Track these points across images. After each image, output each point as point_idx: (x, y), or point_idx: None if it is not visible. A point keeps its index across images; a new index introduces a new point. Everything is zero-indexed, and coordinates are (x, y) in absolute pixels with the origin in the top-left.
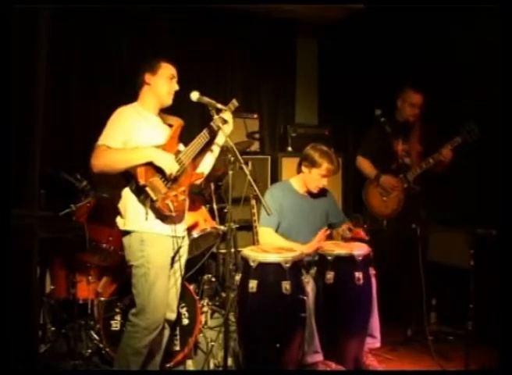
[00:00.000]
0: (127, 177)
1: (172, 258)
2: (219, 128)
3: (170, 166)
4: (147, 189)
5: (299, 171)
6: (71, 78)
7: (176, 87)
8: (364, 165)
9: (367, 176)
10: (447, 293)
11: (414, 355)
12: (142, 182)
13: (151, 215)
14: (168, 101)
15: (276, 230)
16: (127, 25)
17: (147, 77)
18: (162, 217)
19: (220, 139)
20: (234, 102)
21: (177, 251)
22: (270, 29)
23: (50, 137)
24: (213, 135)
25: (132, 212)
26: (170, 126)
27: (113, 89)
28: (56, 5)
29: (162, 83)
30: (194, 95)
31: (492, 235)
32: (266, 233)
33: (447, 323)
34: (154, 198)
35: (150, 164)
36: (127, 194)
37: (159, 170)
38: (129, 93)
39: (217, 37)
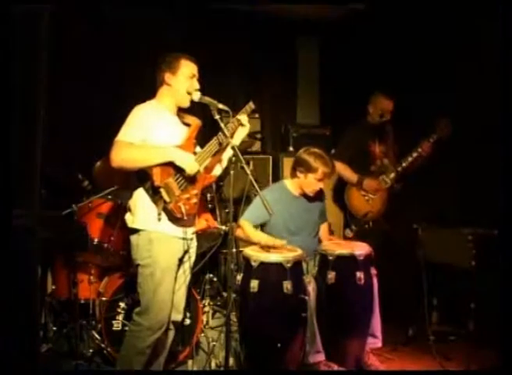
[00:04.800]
0: (141, 176)
1: (180, 260)
2: (228, 136)
3: (191, 166)
4: (162, 190)
5: (293, 176)
6: (72, 78)
7: (197, 86)
8: (343, 170)
9: (347, 180)
10: (448, 293)
11: (416, 355)
12: (157, 183)
13: (162, 216)
14: (187, 102)
15: (262, 228)
16: (128, 25)
17: (167, 77)
18: (173, 219)
19: (236, 141)
20: (251, 105)
21: (185, 253)
22: (270, 29)
23: (51, 137)
24: (224, 142)
25: (142, 211)
26: (187, 125)
27: (114, 89)
28: (57, 5)
29: (182, 83)
30: (196, 95)
31: (494, 235)
32: (243, 226)
33: (449, 322)
34: (168, 199)
35: (166, 165)
36: (139, 193)
37: (175, 172)
38: (130, 93)
39: (218, 37)
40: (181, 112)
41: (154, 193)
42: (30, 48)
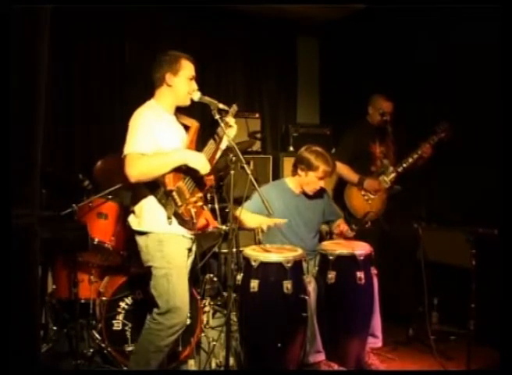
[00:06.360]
0: (149, 182)
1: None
2: (224, 133)
3: (204, 166)
4: (174, 194)
5: (294, 174)
6: (72, 78)
7: (195, 87)
8: (344, 170)
9: (348, 180)
10: (449, 292)
11: (416, 355)
12: (170, 187)
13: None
14: (187, 101)
15: None
16: (128, 25)
17: (168, 78)
18: (182, 223)
19: (223, 144)
20: (234, 107)
21: (189, 251)
22: (271, 29)
23: (51, 137)
24: (219, 141)
25: (149, 213)
26: (184, 125)
27: (114, 89)
28: (57, 5)
29: (183, 84)
30: (196, 95)
31: (494, 234)
32: (242, 212)
33: (449, 322)
34: (180, 203)
35: (176, 169)
36: (146, 198)
37: (184, 175)
38: (130, 93)
39: (218, 37)
40: (178, 112)
41: (166, 197)
42: (30, 48)
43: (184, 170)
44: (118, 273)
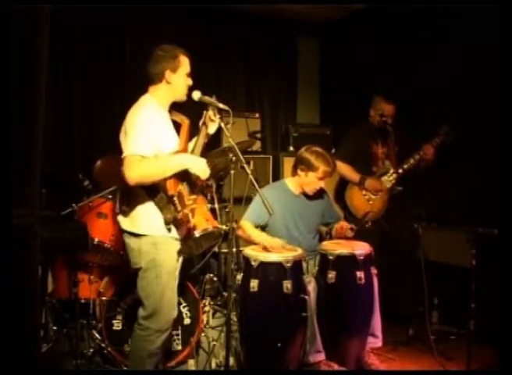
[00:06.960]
0: (149, 187)
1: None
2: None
3: (205, 171)
4: (175, 199)
5: (294, 174)
6: (72, 78)
7: (190, 83)
8: (345, 169)
9: (349, 180)
10: (449, 292)
11: (416, 355)
12: (171, 192)
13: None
14: (184, 97)
15: (264, 228)
16: (129, 25)
17: (168, 75)
18: (178, 226)
19: (212, 129)
20: (214, 99)
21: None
22: (271, 28)
23: (51, 137)
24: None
25: (146, 216)
26: (174, 122)
27: (114, 89)
28: (57, 5)
29: (182, 81)
30: (196, 95)
31: (494, 234)
32: (244, 226)
33: (449, 322)
34: (179, 208)
35: (175, 173)
36: (142, 199)
37: (181, 179)
38: (130, 93)
39: (218, 37)
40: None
41: (166, 202)
42: (30, 48)
43: (182, 174)
44: (118, 273)
